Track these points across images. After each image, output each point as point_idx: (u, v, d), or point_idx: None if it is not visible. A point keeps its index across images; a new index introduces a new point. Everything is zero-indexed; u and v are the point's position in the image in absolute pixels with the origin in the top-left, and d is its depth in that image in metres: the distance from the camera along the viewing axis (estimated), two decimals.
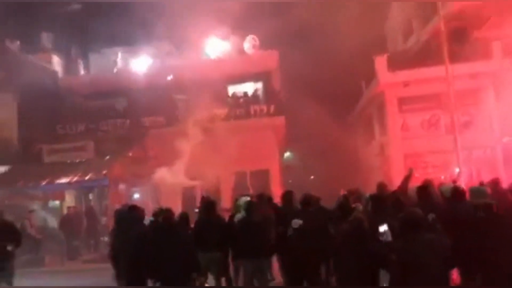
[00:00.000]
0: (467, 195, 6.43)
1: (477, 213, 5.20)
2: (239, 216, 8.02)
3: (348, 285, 4.94)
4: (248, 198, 8.57)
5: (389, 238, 5.01)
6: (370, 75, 21.20)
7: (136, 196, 19.65)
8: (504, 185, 8.20)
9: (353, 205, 7.18)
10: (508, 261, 4.77)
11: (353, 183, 16.61)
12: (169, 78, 21.17)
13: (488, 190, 6.35)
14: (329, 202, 8.89)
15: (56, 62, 23.63)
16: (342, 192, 9.76)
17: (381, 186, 8.52)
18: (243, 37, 21.89)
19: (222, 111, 20.23)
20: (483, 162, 17.83)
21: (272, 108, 20.32)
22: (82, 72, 24.43)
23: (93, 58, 24.22)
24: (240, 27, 21.26)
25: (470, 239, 4.95)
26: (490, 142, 18.26)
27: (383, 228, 4.99)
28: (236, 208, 8.81)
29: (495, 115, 18.61)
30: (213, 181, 17.05)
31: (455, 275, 5.61)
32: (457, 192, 6.81)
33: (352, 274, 4.87)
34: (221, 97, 20.91)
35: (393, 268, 4.64)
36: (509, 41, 17.91)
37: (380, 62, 19.99)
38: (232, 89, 21.66)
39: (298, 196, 8.53)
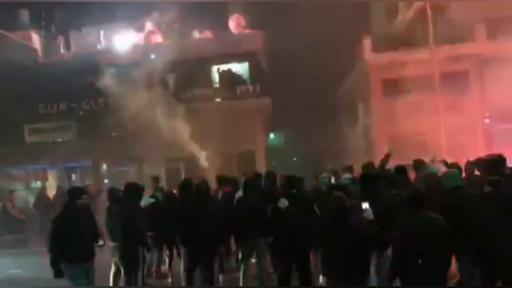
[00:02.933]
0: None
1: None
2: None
3: (333, 265, 4.93)
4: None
5: (371, 216, 5.05)
6: (355, 57, 21.20)
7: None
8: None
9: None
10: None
11: (336, 165, 16.76)
12: (152, 57, 20.81)
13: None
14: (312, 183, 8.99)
15: (36, 40, 23.03)
16: (330, 167, 9.85)
17: (368, 165, 8.60)
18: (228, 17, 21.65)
19: (207, 91, 20.04)
20: (467, 143, 18.05)
21: (258, 88, 20.20)
22: (62, 50, 23.87)
23: (74, 36, 23.66)
24: (225, 7, 21.04)
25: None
26: (474, 124, 18.48)
27: (364, 205, 5.03)
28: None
29: (479, 97, 18.82)
30: (197, 161, 16.96)
31: None
32: None
33: (336, 254, 4.86)
34: (206, 77, 20.71)
35: (395, 244, 4.66)
36: (492, 23, 18.04)
37: (365, 43, 19.98)
38: (216, 69, 21.39)
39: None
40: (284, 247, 6.64)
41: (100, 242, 6.74)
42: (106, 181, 17.82)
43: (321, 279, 6.39)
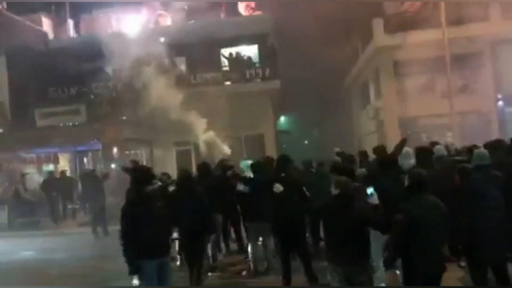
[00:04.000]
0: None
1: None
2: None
3: (336, 248, 4.94)
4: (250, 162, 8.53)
5: (376, 201, 5.03)
6: (367, 38, 20.90)
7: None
8: None
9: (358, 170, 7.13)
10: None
11: (348, 148, 16.67)
12: (162, 40, 20.74)
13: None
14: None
15: (46, 24, 23.08)
16: (336, 150, 9.78)
17: (380, 149, 8.52)
18: None
19: (216, 74, 19.99)
20: (479, 126, 17.82)
21: (267, 71, 20.07)
22: (73, 34, 23.92)
23: (85, 19, 23.67)
24: None
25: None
26: (486, 107, 18.22)
27: (369, 190, 5.00)
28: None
29: (491, 79, 18.50)
30: (206, 145, 16.99)
31: None
32: None
33: (339, 238, 4.87)
34: (215, 60, 20.63)
35: (396, 227, 4.64)
36: (508, 3, 17.61)
37: (377, 24, 19.67)
38: (226, 52, 21.29)
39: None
40: (280, 232, 6.71)
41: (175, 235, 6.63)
42: (113, 165, 17.94)
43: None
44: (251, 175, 7.99)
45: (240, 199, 8.33)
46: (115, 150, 18.83)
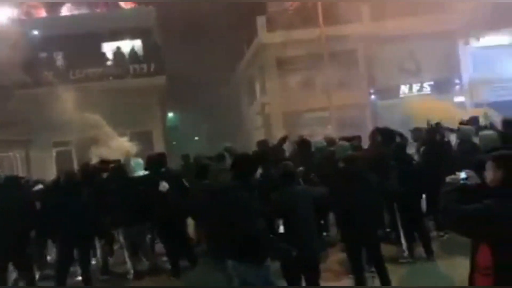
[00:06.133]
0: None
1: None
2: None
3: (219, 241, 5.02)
4: None
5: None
6: (251, 35, 21.38)
7: None
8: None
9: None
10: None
11: (237, 142, 16.94)
12: (35, 33, 19.24)
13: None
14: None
15: None
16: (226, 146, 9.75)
17: (263, 143, 8.84)
18: None
19: (97, 70, 19.05)
20: (355, 119, 19.13)
21: (152, 67, 19.60)
22: None
23: None
24: None
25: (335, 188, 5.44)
26: (361, 100, 19.62)
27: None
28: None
29: (365, 75, 19.99)
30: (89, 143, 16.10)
31: None
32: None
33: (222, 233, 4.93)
34: (96, 55, 19.65)
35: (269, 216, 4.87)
36: (375, 5, 19.10)
37: (260, 22, 20.21)
38: (108, 46, 20.37)
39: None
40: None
41: None
42: None
43: None
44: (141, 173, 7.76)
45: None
46: None
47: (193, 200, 5.70)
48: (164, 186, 6.41)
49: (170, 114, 30.57)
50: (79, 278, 6.95)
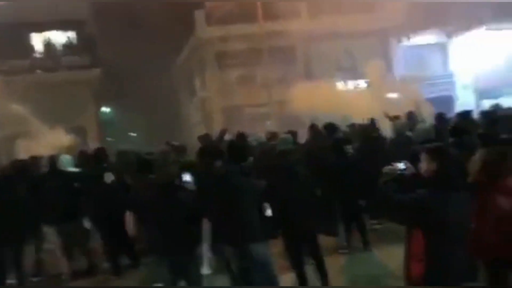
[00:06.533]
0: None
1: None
2: None
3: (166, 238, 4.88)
4: None
5: (193, 187, 5.21)
6: (190, 29, 21.08)
7: None
8: None
9: None
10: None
11: (175, 138, 16.60)
12: None
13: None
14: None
15: None
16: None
17: (204, 138, 8.71)
18: None
19: (24, 62, 18.02)
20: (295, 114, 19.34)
21: (87, 59, 18.83)
22: None
23: None
24: None
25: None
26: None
27: (187, 177, 5.13)
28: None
29: (303, 71, 20.29)
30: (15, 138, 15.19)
31: None
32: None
33: (165, 229, 4.79)
34: (26, 46, 18.60)
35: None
36: (312, 3, 19.45)
37: (199, 16, 19.97)
38: (38, 37, 19.31)
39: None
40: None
41: None
42: None
43: None
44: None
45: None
46: None
47: (136, 195, 5.50)
48: (109, 177, 6.17)
49: (105, 109, 29.57)
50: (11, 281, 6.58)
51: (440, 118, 7.56)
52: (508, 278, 3.68)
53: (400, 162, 3.52)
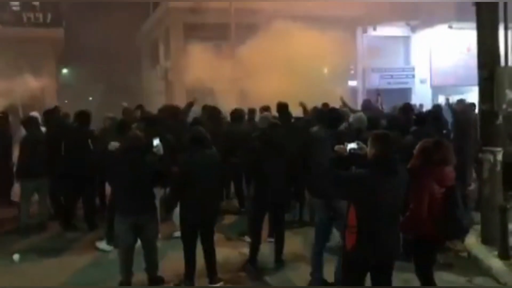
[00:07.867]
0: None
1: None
2: None
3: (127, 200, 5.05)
4: None
5: (161, 151, 5.43)
6: None
7: None
8: None
9: None
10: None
11: (134, 105, 16.37)
12: None
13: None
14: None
15: None
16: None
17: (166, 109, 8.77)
18: None
19: None
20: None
21: (49, 17, 18.19)
22: None
23: None
24: None
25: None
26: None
27: (156, 141, 5.36)
28: None
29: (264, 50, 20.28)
30: None
31: None
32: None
33: (129, 188, 4.98)
34: None
35: (174, 178, 5.15)
36: None
37: None
38: None
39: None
40: None
41: None
42: None
43: None
44: None
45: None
46: None
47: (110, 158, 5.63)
48: (113, 145, 6.04)
49: (64, 71, 28.73)
50: None
51: (405, 109, 7.95)
52: (431, 255, 4.16)
53: (354, 142, 3.99)
